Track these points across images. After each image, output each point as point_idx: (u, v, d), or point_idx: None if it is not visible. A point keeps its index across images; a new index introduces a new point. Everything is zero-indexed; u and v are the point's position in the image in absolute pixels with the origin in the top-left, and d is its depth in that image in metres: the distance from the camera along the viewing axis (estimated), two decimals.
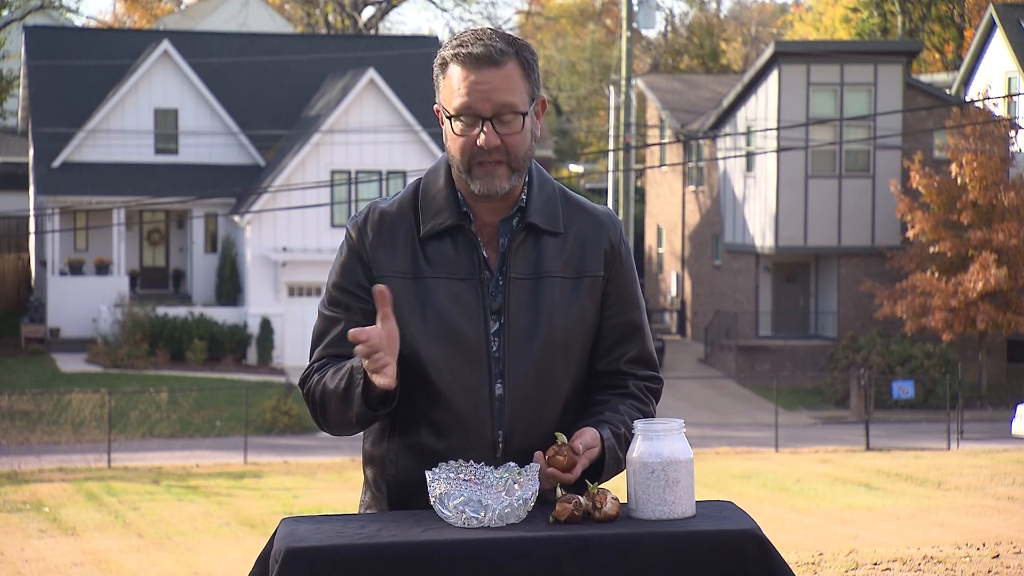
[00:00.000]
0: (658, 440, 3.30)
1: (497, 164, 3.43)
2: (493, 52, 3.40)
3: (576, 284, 3.53)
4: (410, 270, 3.48)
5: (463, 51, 3.42)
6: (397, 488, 3.53)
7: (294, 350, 40.75)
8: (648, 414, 3.59)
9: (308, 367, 3.54)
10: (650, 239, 52.00)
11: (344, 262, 3.54)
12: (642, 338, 3.63)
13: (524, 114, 3.43)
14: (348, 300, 3.51)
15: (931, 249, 36.90)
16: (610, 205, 40.72)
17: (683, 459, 3.29)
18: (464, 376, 3.45)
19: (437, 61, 3.48)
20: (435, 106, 3.53)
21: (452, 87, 3.43)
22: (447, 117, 3.45)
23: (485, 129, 3.40)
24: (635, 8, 42.14)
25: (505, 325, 3.48)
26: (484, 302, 3.48)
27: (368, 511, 3.61)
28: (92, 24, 66.55)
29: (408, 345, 3.45)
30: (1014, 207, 36.31)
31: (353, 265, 3.52)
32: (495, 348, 3.48)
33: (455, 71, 3.43)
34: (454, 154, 3.46)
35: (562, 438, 3.36)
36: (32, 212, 46.11)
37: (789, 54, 40.45)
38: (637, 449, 3.31)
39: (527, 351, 3.48)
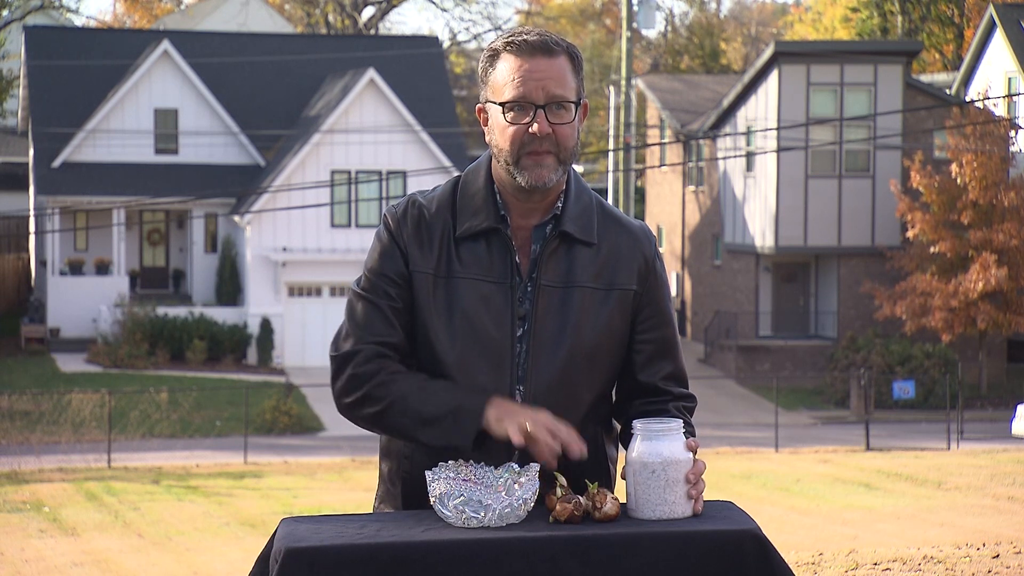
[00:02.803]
0: (658, 440, 3.30)
1: (546, 154, 3.40)
2: (548, 42, 3.40)
3: (606, 296, 3.51)
4: (442, 269, 3.47)
5: (517, 39, 3.41)
6: (411, 485, 3.53)
7: (294, 350, 40.75)
8: (688, 433, 3.57)
9: (357, 347, 3.48)
10: None
11: (384, 249, 3.52)
12: (676, 355, 3.63)
13: (575, 103, 3.42)
14: (387, 287, 3.49)
15: (931, 249, 36.88)
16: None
17: (683, 459, 3.29)
18: (485, 379, 3.44)
19: (485, 55, 3.45)
20: (478, 106, 3.50)
21: (504, 77, 3.41)
22: (499, 105, 3.41)
23: (538, 117, 3.38)
24: (635, 8, 42.12)
25: (530, 331, 3.46)
26: (513, 307, 3.46)
27: (382, 505, 3.62)
28: (92, 24, 66.57)
29: (432, 344, 3.46)
30: (1014, 207, 36.30)
31: (393, 252, 3.51)
32: (519, 353, 3.47)
33: (508, 60, 3.41)
34: (503, 145, 3.42)
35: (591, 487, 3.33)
36: (32, 212, 46.10)
37: (789, 54, 40.43)
38: (637, 449, 3.31)
39: (551, 359, 3.47)
